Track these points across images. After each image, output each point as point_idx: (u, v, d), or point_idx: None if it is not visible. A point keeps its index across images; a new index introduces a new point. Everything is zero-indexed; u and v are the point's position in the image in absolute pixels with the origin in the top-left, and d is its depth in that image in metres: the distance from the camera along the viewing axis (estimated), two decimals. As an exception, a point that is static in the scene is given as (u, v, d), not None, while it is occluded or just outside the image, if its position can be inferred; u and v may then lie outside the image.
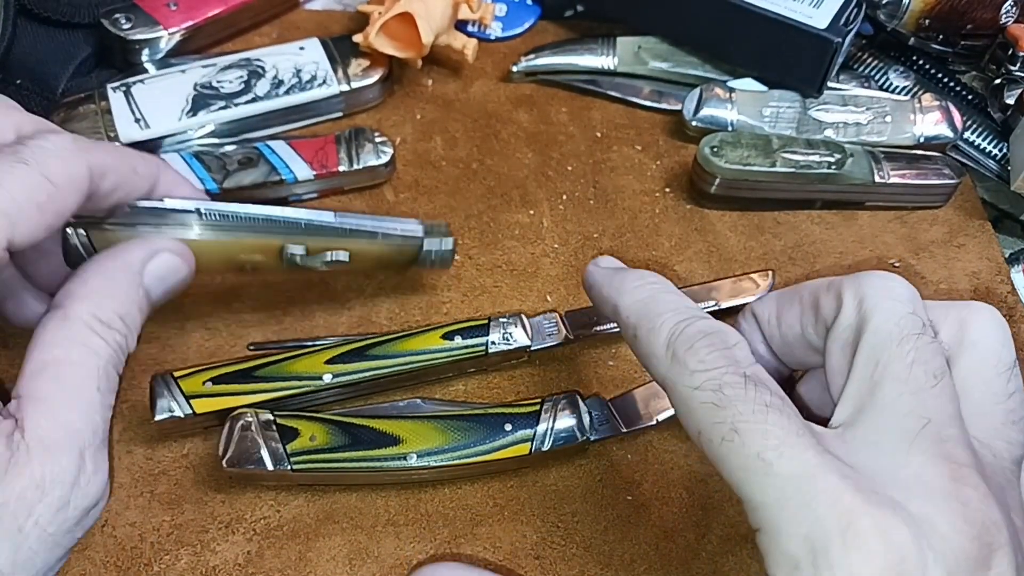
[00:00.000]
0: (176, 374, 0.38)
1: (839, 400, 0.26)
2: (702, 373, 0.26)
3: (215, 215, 0.35)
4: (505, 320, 0.41)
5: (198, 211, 0.35)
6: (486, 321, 0.40)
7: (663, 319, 0.28)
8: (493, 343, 0.40)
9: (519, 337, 0.40)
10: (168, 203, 0.35)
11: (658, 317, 0.28)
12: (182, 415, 0.37)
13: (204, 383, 0.38)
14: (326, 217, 0.38)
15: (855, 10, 0.48)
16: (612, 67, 0.53)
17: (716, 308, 0.42)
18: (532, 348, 0.41)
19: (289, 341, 0.42)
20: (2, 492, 0.24)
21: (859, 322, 0.26)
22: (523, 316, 0.41)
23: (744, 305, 0.43)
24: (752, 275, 0.44)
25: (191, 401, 0.37)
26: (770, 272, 0.44)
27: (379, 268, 0.43)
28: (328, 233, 0.38)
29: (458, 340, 0.40)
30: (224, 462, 0.36)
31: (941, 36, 0.53)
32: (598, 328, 0.41)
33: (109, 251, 0.31)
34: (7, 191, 0.27)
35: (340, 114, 0.51)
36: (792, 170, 0.46)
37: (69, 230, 0.32)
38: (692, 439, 0.26)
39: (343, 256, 0.38)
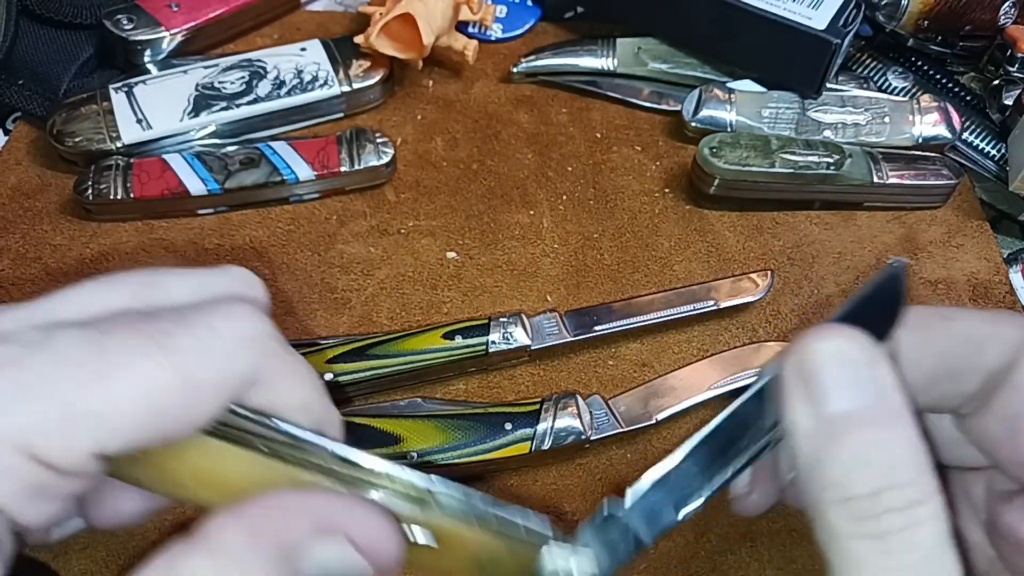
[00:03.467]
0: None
1: None
2: None
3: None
4: (505, 320, 0.41)
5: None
6: (486, 321, 0.41)
7: None
8: (494, 343, 0.40)
9: (519, 337, 0.40)
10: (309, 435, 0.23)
11: None
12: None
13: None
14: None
15: (854, 11, 0.48)
16: (612, 68, 0.53)
17: (715, 308, 0.43)
18: (532, 348, 0.41)
19: (291, 342, 0.42)
20: None
21: None
22: (523, 316, 0.41)
23: (742, 305, 0.43)
24: (751, 275, 0.44)
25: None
26: (769, 272, 0.44)
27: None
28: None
29: (459, 340, 0.40)
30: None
31: (940, 37, 0.53)
32: (598, 328, 0.41)
33: (255, 504, 0.21)
34: (110, 387, 0.20)
35: (341, 115, 0.51)
36: (791, 171, 0.46)
37: None
38: None
39: (425, 539, 0.24)
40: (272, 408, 0.23)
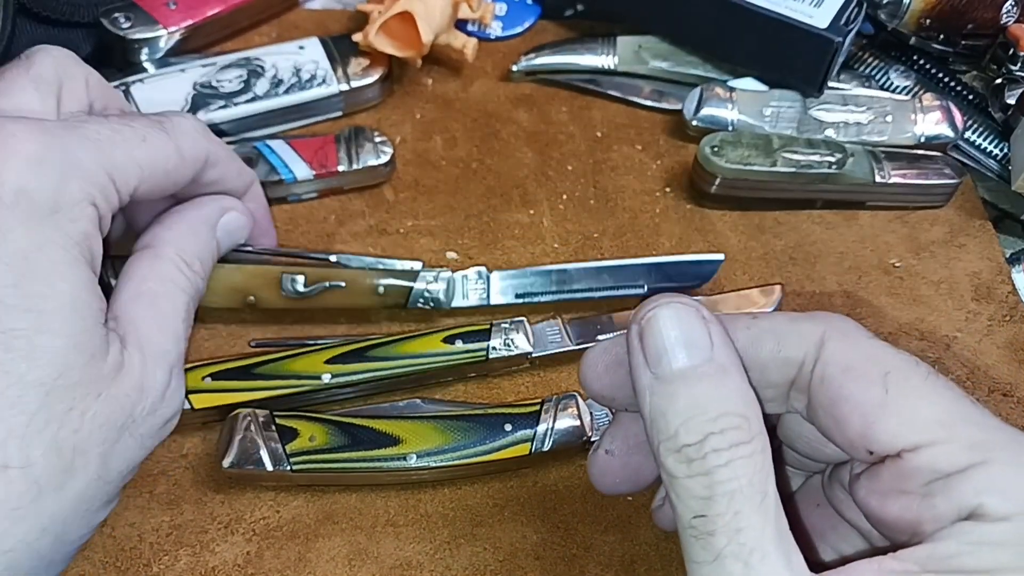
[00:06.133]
0: (176, 370, 0.37)
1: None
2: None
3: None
4: (507, 325, 0.40)
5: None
6: (488, 326, 0.40)
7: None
8: (494, 348, 0.40)
9: (521, 343, 0.40)
10: None
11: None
12: (181, 410, 0.37)
13: (203, 379, 0.37)
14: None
15: (856, 10, 0.48)
16: (612, 66, 0.52)
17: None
18: (533, 354, 0.40)
19: (293, 339, 0.42)
20: (115, 389, 0.28)
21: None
22: (525, 322, 0.41)
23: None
24: (760, 289, 0.44)
25: (190, 396, 0.37)
26: (779, 287, 0.43)
27: (375, 300, 0.41)
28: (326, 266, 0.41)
29: (459, 344, 0.39)
30: (224, 462, 0.36)
31: (942, 36, 0.53)
32: (601, 337, 0.41)
33: (188, 204, 0.35)
34: (147, 150, 0.31)
35: (340, 113, 0.51)
36: (793, 170, 0.46)
37: None
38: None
39: (340, 283, 0.40)
40: (220, 180, 0.35)
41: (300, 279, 0.40)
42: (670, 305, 0.25)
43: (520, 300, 0.43)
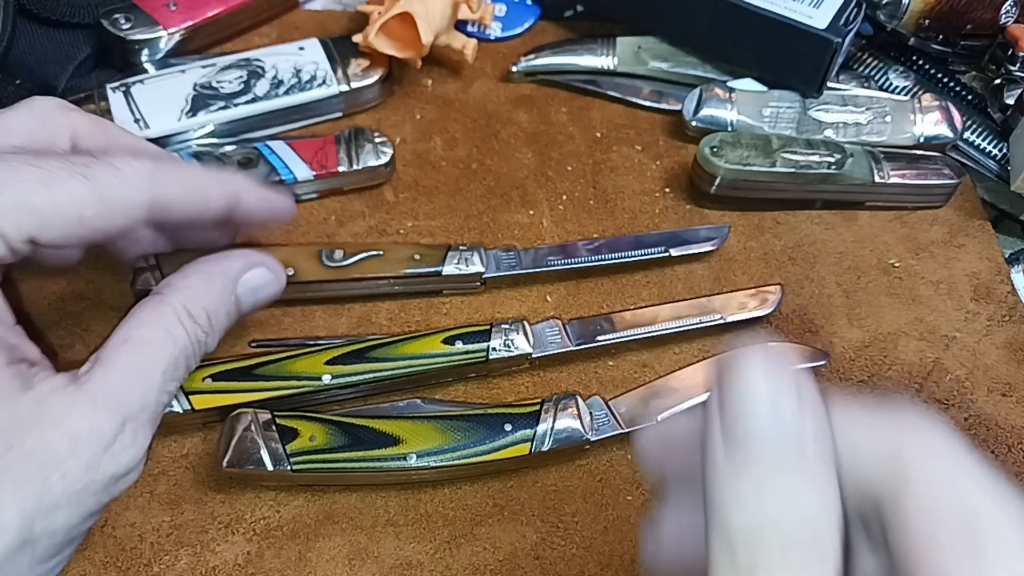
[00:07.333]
0: (176, 371, 0.38)
1: None
2: None
3: None
4: (507, 326, 0.40)
5: None
6: (488, 327, 0.40)
7: None
8: (494, 349, 0.40)
9: (521, 344, 0.40)
10: None
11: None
12: (180, 411, 0.37)
13: (203, 379, 0.37)
14: None
15: (855, 10, 0.48)
16: (612, 67, 0.53)
17: (722, 321, 0.42)
18: (533, 355, 0.40)
19: (293, 339, 0.42)
20: (32, 438, 0.25)
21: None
22: (525, 323, 0.41)
23: (751, 320, 0.42)
24: (760, 289, 0.44)
25: (190, 397, 0.37)
26: (778, 287, 0.44)
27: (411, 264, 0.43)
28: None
29: (459, 345, 0.40)
30: (224, 462, 0.36)
31: (941, 36, 0.53)
32: (601, 338, 0.41)
33: (212, 256, 0.34)
34: (50, 194, 0.28)
35: (340, 114, 0.51)
36: (792, 170, 0.46)
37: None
38: None
39: (378, 252, 0.42)
40: (187, 218, 0.33)
41: (339, 252, 0.42)
42: (765, 373, 0.20)
43: (548, 268, 0.44)
